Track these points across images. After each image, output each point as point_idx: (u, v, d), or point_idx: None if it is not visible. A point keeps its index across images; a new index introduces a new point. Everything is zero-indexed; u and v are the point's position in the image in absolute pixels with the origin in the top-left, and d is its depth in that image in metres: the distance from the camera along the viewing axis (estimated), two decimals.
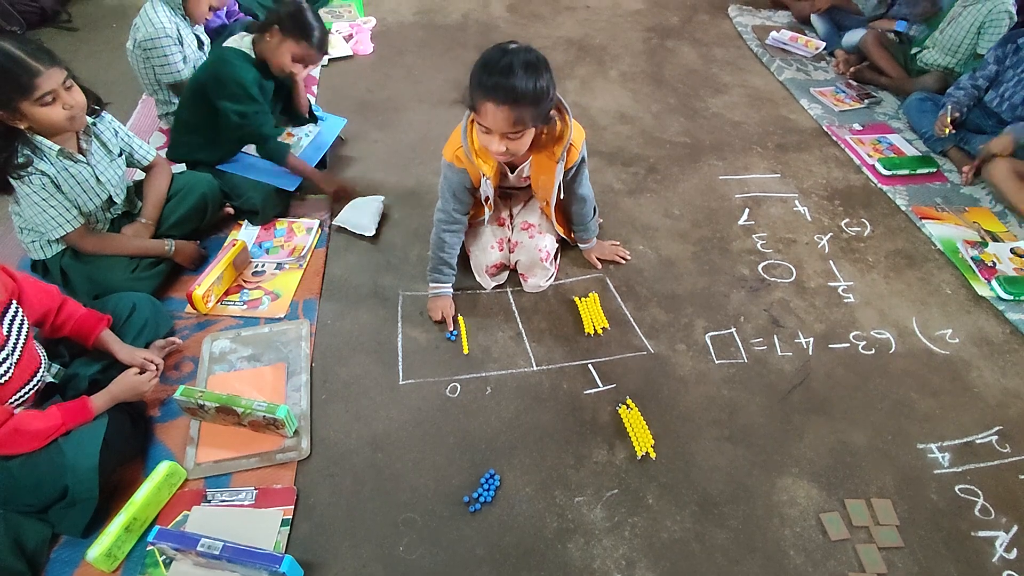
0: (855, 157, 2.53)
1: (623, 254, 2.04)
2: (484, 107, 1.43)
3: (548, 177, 1.70)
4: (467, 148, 1.62)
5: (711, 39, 3.41)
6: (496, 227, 1.93)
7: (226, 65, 1.99)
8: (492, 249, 1.88)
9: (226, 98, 1.98)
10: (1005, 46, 2.36)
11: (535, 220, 1.92)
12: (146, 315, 1.63)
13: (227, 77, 1.97)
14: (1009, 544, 1.40)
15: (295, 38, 1.98)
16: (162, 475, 1.38)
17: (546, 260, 1.88)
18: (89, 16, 3.36)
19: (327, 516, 1.41)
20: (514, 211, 1.99)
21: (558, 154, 1.63)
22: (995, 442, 1.60)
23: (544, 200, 1.82)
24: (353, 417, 1.61)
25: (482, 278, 1.92)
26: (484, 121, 1.46)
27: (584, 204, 1.88)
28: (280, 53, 2.00)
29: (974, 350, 1.82)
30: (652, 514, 1.43)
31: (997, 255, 2.07)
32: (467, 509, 1.42)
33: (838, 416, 1.64)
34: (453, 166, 1.69)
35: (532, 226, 1.91)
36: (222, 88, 1.98)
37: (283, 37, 1.98)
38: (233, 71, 1.98)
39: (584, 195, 1.85)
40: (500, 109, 1.41)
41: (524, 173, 1.77)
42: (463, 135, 1.62)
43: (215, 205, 2.03)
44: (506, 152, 1.51)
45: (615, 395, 1.66)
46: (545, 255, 1.88)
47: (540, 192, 1.80)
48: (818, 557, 1.37)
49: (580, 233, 1.98)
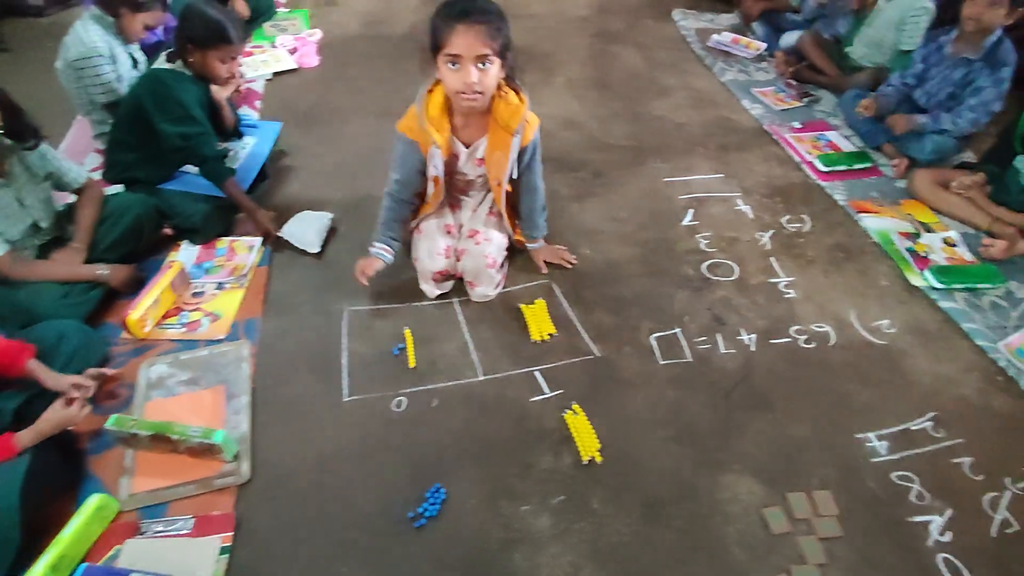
0: (795, 155, 2.59)
1: (569, 258, 2.05)
2: (454, 32, 1.46)
3: (503, 153, 1.72)
4: (421, 115, 1.63)
5: (655, 43, 3.46)
6: (444, 234, 1.92)
7: (164, 87, 1.93)
8: (438, 255, 1.87)
9: (168, 121, 1.92)
10: (928, 45, 2.45)
11: (482, 227, 1.92)
12: (75, 343, 1.58)
13: (167, 99, 1.92)
14: (944, 527, 1.44)
15: (212, 46, 1.92)
16: (92, 509, 1.34)
17: (492, 267, 1.88)
18: (21, 37, 3.27)
19: (268, 541, 1.38)
20: (463, 220, 1.99)
21: (514, 126, 1.67)
22: (930, 428, 1.64)
23: (496, 181, 1.80)
24: (296, 437, 1.58)
25: (427, 284, 1.91)
26: (455, 48, 1.48)
27: (535, 196, 1.90)
28: (208, 66, 1.96)
29: (910, 339, 1.87)
30: (598, 519, 1.44)
31: (930, 245, 2.14)
32: (412, 525, 1.41)
33: (779, 410, 1.67)
34: (404, 137, 1.71)
35: (479, 233, 1.91)
36: (162, 111, 1.92)
37: (203, 50, 1.93)
38: (173, 92, 1.92)
39: (536, 186, 1.88)
40: (471, 28, 1.45)
41: (478, 154, 1.77)
42: (418, 104, 1.64)
43: (151, 226, 1.98)
44: (475, 88, 1.52)
45: (561, 401, 1.67)
46: (491, 262, 1.88)
47: (493, 171, 1.78)
48: (761, 552, 1.39)
49: (529, 231, 1.99)
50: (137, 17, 2.26)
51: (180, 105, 1.93)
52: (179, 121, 1.94)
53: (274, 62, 3.06)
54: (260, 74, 2.98)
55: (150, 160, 2.06)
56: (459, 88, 1.54)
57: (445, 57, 1.51)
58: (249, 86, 2.89)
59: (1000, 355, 1.81)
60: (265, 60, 3.06)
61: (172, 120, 1.93)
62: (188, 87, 1.97)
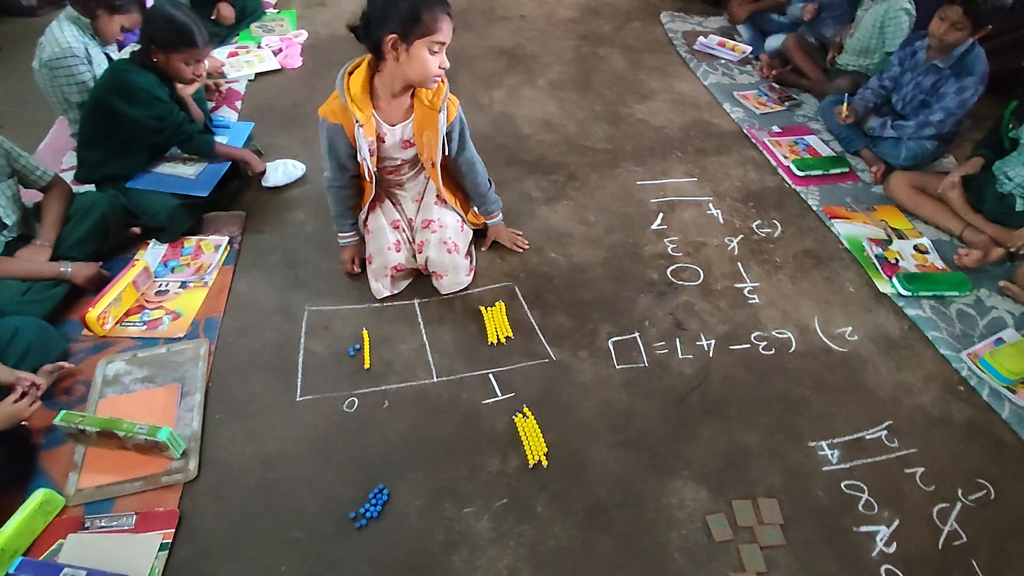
0: (771, 159, 2.57)
1: (521, 243, 2.11)
2: (443, 21, 1.52)
3: (432, 132, 1.74)
4: (344, 97, 1.64)
5: (642, 46, 3.45)
6: (392, 230, 1.91)
7: (125, 75, 1.97)
8: (390, 251, 1.87)
9: (137, 106, 1.97)
10: (905, 49, 2.42)
11: (434, 215, 1.93)
12: (29, 339, 1.60)
13: (131, 86, 1.96)
14: (889, 538, 1.43)
15: (176, 48, 1.95)
16: (35, 503, 1.35)
17: (455, 252, 1.89)
18: (10, 36, 3.30)
19: (210, 538, 1.39)
20: (409, 214, 1.97)
21: (437, 104, 1.69)
22: (884, 437, 1.63)
23: (430, 161, 1.81)
24: (247, 436, 1.59)
25: (380, 282, 1.90)
26: (443, 35, 1.53)
27: (475, 172, 1.93)
28: (172, 67, 1.99)
29: (872, 347, 1.85)
30: (540, 522, 1.43)
31: (900, 252, 2.12)
32: (353, 526, 1.41)
33: (733, 417, 1.66)
34: (326, 121, 1.71)
35: (432, 221, 1.91)
36: (130, 98, 1.96)
37: (166, 52, 1.96)
38: (134, 79, 1.96)
39: (472, 159, 1.91)
40: (449, 16, 1.54)
41: (405, 135, 1.77)
42: (339, 84, 1.65)
43: (117, 225, 2.00)
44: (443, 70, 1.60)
45: (513, 404, 1.67)
46: (452, 245, 1.89)
47: (425, 152, 1.80)
48: (701, 559, 1.38)
49: (482, 207, 2.02)
50: (114, 19, 2.27)
51: (144, 90, 1.97)
52: (148, 105, 1.99)
53: (257, 63, 3.08)
54: (243, 74, 3.00)
55: (118, 154, 2.08)
56: (436, 72, 1.59)
57: (430, 43, 1.53)
58: (231, 86, 2.91)
59: (963, 364, 1.79)
60: (249, 60, 3.08)
61: (141, 105, 1.98)
62: (145, 74, 1.99)
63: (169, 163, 2.19)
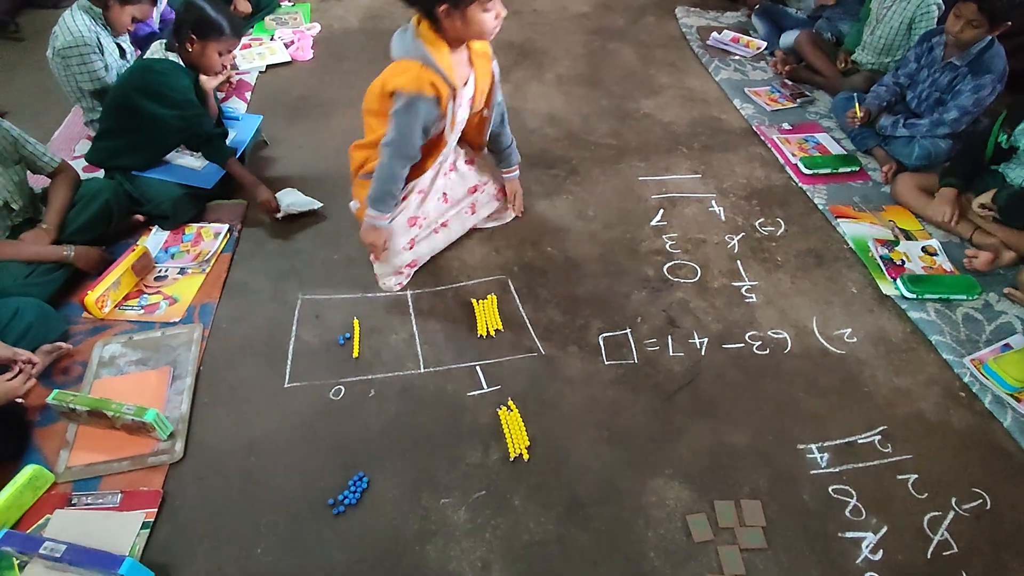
0: (780, 156, 2.52)
1: (519, 208, 2.17)
2: None
3: (487, 80, 1.78)
4: (438, 67, 1.57)
5: (655, 41, 3.40)
6: (407, 229, 1.91)
7: (158, 75, 2.02)
8: (404, 250, 1.88)
9: (165, 106, 2.02)
10: (922, 45, 2.35)
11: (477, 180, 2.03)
12: (29, 319, 1.64)
13: (162, 86, 2.01)
14: (876, 545, 1.39)
15: (214, 38, 2.01)
16: (24, 478, 1.39)
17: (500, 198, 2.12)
18: (37, 26, 3.39)
19: (190, 519, 1.42)
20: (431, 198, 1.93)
21: (488, 51, 1.74)
22: (877, 442, 1.58)
23: (488, 108, 1.86)
24: (234, 421, 1.61)
25: (388, 280, 1.92)
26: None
27: (504, 118, 1.99)
28: (207, 57, 2.04)
29: (871, 349, 1.80)
30: (516, 516, 1.43)
31: (907, 253, 2.05)
32: (331, 512, 1.42)
33: (721, 417, 1.63)
34: (424, 95, 1.58)
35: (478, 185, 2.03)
36: (159, 98, 2.01)
37: (203, 42, 2.01)
38: (167, 79, 2.02)
39: (503, 107, 1.97)
40: None
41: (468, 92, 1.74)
42: (426, 59, 1.57)
43: (121, 211, 2.04)
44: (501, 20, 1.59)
45: (498, 397, 1.66)
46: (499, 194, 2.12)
47: (481, 100, 1.81)
48: (679, 559, 1.36)
49: (504, 161, 2.06)
50: (125, 9, 2.32)
51: (175, 91, 2.02)
52: (177, 105, 2.03)
53: (269, 54, 3.11)
54: (254, 66, 3.03)
55: (135, 148, 2.12)
56: (494, 26, 1.58)
57: (482, 4, 1.51)
58: (242, 77, 2.95)
59: (966, 370, 1.73)
60: (260, 52, 3.12)
61: (170, 105, 2.02)
62: (180, 75, 2.05)
63: (178, 152, 2.23)
